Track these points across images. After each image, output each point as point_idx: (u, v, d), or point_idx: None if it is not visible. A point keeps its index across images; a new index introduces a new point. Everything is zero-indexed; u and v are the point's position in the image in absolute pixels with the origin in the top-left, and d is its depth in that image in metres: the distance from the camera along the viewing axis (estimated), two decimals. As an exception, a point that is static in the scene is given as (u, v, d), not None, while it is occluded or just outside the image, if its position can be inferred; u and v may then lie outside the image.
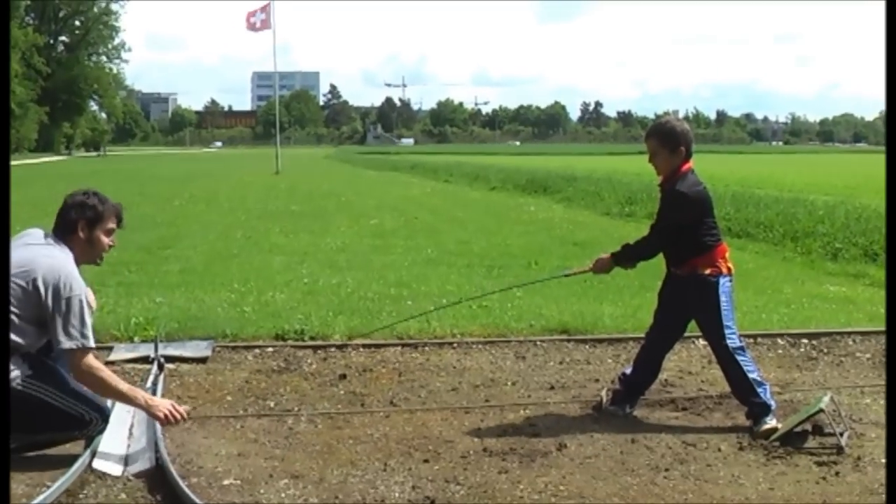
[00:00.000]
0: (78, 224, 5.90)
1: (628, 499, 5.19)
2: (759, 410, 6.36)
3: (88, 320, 5.70)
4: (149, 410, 5.89)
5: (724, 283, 6.42)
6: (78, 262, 5.88)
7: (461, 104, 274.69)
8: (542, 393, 7.45)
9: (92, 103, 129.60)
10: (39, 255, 5.70)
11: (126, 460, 5.70)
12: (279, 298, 11.08)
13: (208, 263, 14.39)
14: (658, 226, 6.62)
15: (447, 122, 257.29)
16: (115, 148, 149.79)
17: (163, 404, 5.93)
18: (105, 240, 6.03)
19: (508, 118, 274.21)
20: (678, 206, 6.43)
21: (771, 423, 6.29)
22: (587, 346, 8.93)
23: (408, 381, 7.71)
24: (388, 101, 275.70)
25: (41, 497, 4.92)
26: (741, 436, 6.29)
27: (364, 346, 8.74)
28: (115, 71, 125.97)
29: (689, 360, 8.35)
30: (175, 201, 28.32)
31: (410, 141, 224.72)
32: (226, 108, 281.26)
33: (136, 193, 30.91)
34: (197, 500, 4.91)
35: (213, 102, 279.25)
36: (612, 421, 6.63)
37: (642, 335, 7.16)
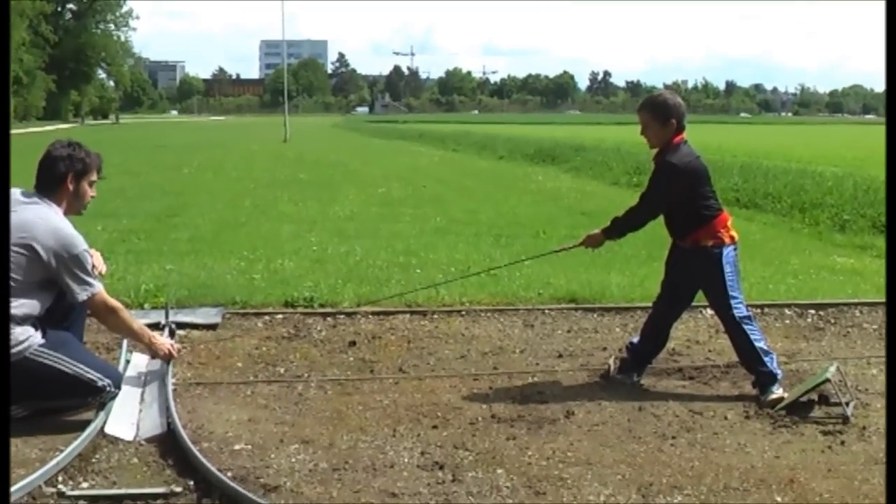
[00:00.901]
0: (67, 176, 5.95)
1: (635, 465, 5.23)
2: (765, 379, 6.41)
3: (90, 266, 5.86)
4: (151, 347, 6.42)
5: (727, 253, 6.44)
6: (65, 214, 5.95)
7: (469, 73, 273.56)
8: (549, 361, 7.49)
9: (100, 71, 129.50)
10: (31, 218, 5.74)
11: (138, 425, 5.73)
12: (288, 266, 11.12)
13: (217, 232, 14.43)
14: (645, 195, 6.66)
15: (455, 90, 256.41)
16: (124, 116, 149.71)
17: (164, 344, 6.46)
18: (89, 191, 6.10)
19: (517, 87, 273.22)
20: (667, 177, 6.45)
21: (777, 392, 6.34)
22: (595, 315, 8.97)
23: (416, 349, 7.76)
24: (397, 69, 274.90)
25: (54, 461, 4.96)
26: (748, 404, 6.34)
27: (373, 313, 8.78)
28: (122, 39, 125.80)
29: (696, 330, 8.38)
30: (183, 170, 28.35)
31: (365, 109, 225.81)
32: (234, 77, 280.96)
33: (144, 162, 30.96)
34: (208, 465, 4.96)
35: (221, 71, 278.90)
36: (619, 389, 6.67)
37: (650, 304, 7.19)
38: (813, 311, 9.15)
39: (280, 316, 8.73)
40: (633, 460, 5.32)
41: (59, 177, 5.94)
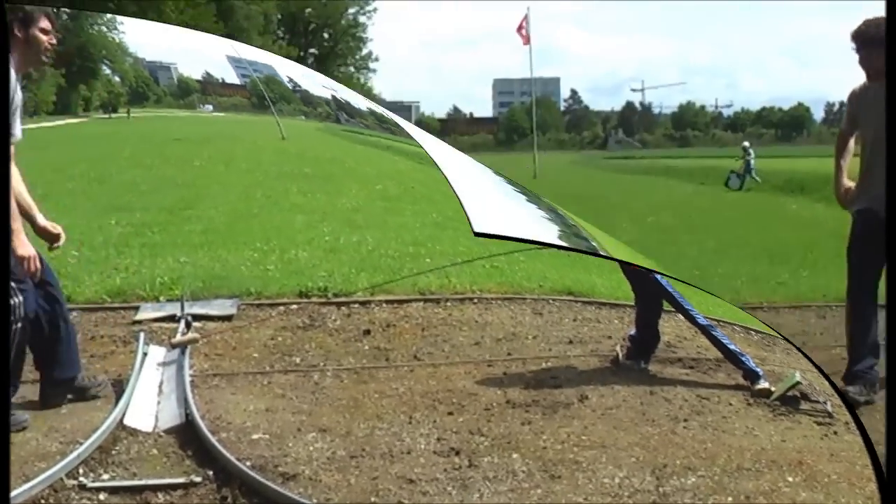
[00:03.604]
0: None
1: (649, 448, 5.29)
2: (750, 375, 6.48)
3: None
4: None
5: None
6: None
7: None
8: (561, 347, 7.52)
9: (105, 67, 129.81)
10: None
11: (156, 416, 5.80)
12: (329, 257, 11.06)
13: (246, 223, 14.28)
14: None
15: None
16: (135, 110, 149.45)
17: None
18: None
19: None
20: None
21: (764, 384, 6.40)
22: (594, 308, 8.99)
23: (431, 336, 7.79)
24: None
25: (75, 454, 5.02)
26: (746, 393, 6.39)
27: (387, 302, 8.81)
28: (117, 40, 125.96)
29: (679, 328, 8.39)
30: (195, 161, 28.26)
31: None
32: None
33: (155, 155, 30.92)
34: (227, 454, 5.02)
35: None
36: (630, 374, 6.72)
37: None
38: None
39: (295, 306, 8.77)
40: (647, 443, 5.38)
41: None
